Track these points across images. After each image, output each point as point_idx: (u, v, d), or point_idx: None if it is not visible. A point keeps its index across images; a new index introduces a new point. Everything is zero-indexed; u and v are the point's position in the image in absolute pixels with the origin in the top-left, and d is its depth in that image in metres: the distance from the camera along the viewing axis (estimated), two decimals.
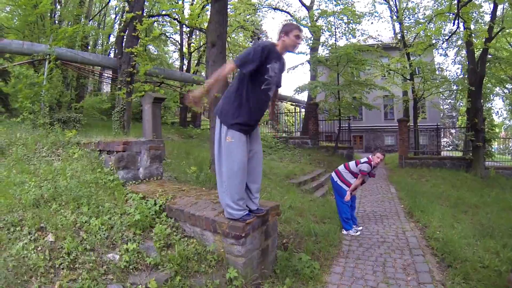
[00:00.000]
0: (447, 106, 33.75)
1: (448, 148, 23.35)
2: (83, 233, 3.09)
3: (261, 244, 3.36)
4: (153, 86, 11.54)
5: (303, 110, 21.83)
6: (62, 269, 2.65)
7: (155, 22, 17.33)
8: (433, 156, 16.77)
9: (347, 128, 18.37)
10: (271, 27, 65.43)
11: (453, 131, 27.76)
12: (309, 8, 19.08)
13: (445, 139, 27.53)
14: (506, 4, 13.19)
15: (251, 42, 20.06)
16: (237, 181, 3.08)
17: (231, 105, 3.09)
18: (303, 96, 22.12)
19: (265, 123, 22.46)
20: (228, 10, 10.72)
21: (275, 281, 3.40)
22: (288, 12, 19.64)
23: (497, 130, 24.39)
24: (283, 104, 26.69)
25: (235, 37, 19.98)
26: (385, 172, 14.48)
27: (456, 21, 11.49)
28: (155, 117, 7.26)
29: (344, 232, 5.61)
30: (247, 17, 19.10)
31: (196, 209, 3.46)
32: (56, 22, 14.85)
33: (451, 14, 13.38)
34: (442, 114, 29.25)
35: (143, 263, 2.93)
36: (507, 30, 14.74)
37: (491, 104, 24.36)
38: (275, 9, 19.50)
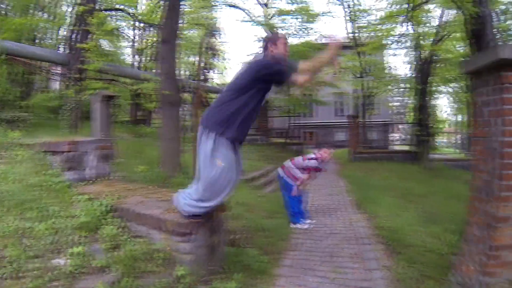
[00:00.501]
0: (397, 103, 35.35)
1: (397, 143, 24.51)
2: (26, 240, 3.02)
3: (208, 240, 3.40)
4: (103, 83, 11.19)
5: None
6: (5, 279, 2.57)
7: (108, 17, 16.74)
8: (383, 150, 17.49)
9: (298, 124, 18.68)
10: (227, 25, 64.99)
11: (401, 126, 29.16)
12: (264, 6, 19.20)
13: (395, 134, 28.87)
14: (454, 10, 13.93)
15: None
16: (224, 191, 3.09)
17: (228, 116, 2.97)
18: None
19: None
20: (184, 7, 10.61)
21: (224, 277, 3.40)
22: (244, 10, 19.63)
23: (441, 126, 26.00)
24: None
25: (190, 34, 19.67)
26: (336, 166, 14.78)
27: (406, 24, 12.06)
28: (105, 115, 7.06)
29: (293, 225, 5.69)
30: (203, 14, 18.88)
31: (143, 208, 3.47)
32: (3, 12, 13.92)
33: (402, 17, 14.01)
34: (391, 111, 30.56)
35: (91, 267, 2.90)
36: (453, 34, 15.60)
37: (437, 101, 25.92)
38: (231, 6, 19.41)
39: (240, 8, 19.57)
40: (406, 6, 11.85)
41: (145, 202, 3.68)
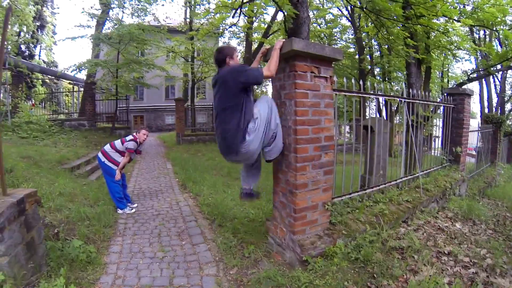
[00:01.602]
0: None
1: None
2: None
3: (24, 237, 2.93)
4: None
5: (82, 89, 20.01)
6: None
7: None
8: (209, 132, 18.25)
9: (126, 108, 18.23)
10: None
11: None
12: None
13: None
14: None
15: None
16: None
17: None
18: (83, 74, 20.21)
19: (39, 103, 19.59)
20: None
21: (51, 274, 3.10)
22: None
23: None
24: (62, 82, 23.82)
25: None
26: (163, 149, 14.93)
27: (238, 15, 12.61)
28: None
29: (120, 211, 5.58)
30: None
31: None
32: None
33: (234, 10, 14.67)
34: None
35: None
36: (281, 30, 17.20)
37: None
38: None
39: None
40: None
41: None
